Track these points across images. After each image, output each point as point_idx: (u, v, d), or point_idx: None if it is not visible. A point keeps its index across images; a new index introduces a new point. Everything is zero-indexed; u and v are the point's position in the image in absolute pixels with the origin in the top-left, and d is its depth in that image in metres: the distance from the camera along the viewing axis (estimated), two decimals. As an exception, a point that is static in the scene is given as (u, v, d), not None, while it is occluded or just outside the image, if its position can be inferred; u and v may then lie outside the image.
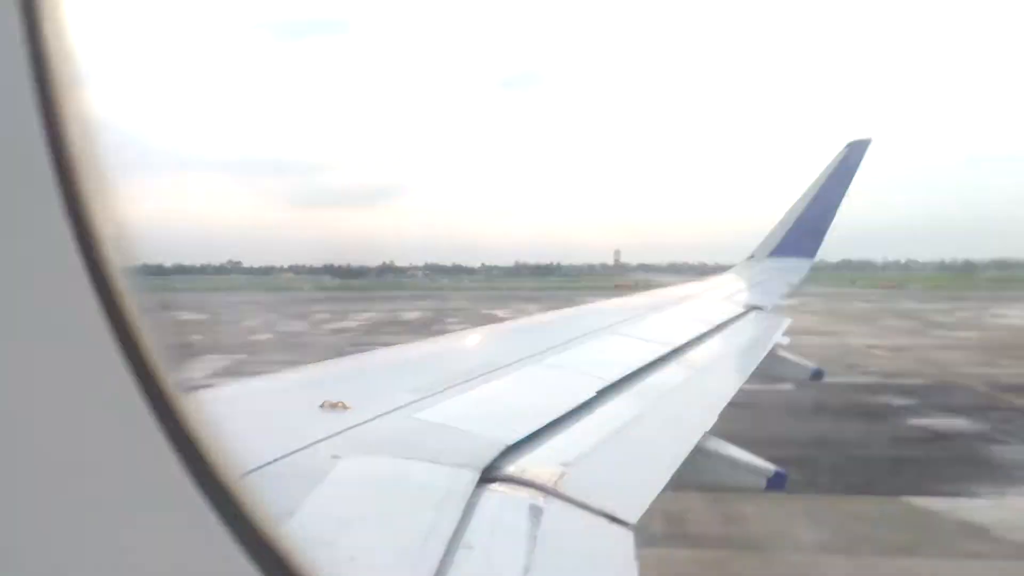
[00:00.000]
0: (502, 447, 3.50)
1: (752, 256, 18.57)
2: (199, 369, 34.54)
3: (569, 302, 11.81)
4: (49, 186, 1.00)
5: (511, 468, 3.34)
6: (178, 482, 1.11)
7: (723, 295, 13.00)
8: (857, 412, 26.92)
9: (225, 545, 1.13)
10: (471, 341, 7.24)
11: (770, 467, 5.24)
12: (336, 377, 4.94)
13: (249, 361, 38.15)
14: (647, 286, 16.33)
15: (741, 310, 11.19)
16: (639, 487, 3.65)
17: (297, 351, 43.03)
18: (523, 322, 9.71)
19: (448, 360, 5.92)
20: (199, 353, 40.74)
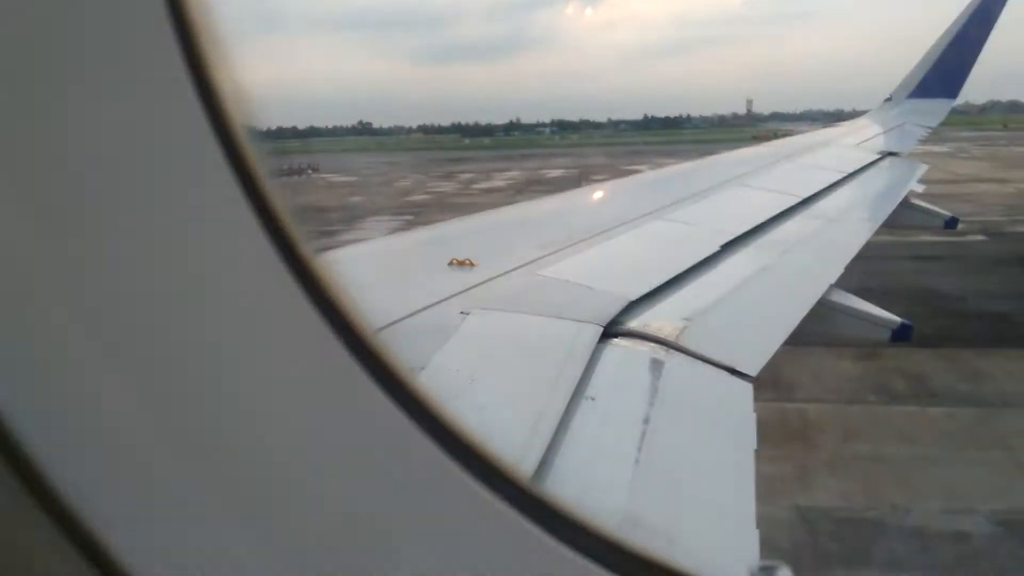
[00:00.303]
0: (625, 302, 3.56)
1: (890, 99, 17.59)
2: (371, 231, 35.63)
3: (704, 156, 11.61)
4: (171, 46, 1.01)
5: (633, 323, 3.41)
6: (319, 336, 1.16)
7: (856, 141, 12.44)
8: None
9: (370, 392, 1.19)
10: (595, 197, 7.25)
11: (895, 319, 5.16)
12: (463, 235, 5.07)
13: (418, 223, 39.14)
14: (787, 136, 15.69)
15: (875, 156, 10.73)
16: (760, 340, 3.67)
17: (458, 212, 43.45)
18: (648, 176, 9.60)
19: (572, 216, 5.95)
20: (363, 216, 41.91)
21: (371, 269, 4.22)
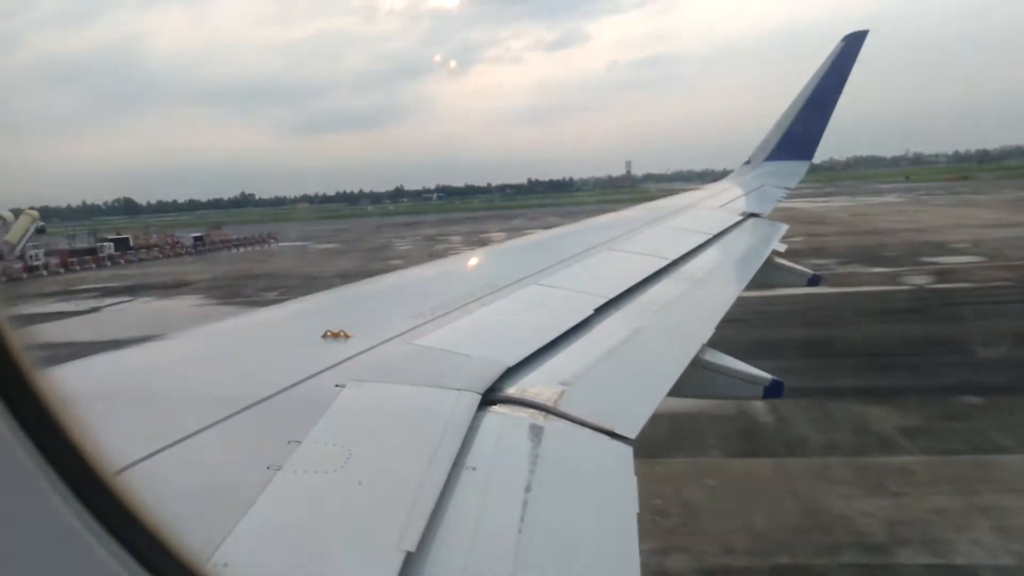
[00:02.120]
0: (502, 368, 3.56)
1: (748, 161, 18.34)
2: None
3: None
4: None
5: (512, 389, 3.41)
6: (43, 485, 1.04)
7: (719, 203, 12.93)
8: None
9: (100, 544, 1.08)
10: (467, 263, 7.27)
11: (767, 376, 5.33)
12: (337, 305, 5.00)
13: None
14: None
15: (738, 218, 11.16)
16: (638, 402, 3.71)
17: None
18: (519, 241, 9.71)
19: (445, 284, 5.95)
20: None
21: (245, 342, 4.11)
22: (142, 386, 3.09)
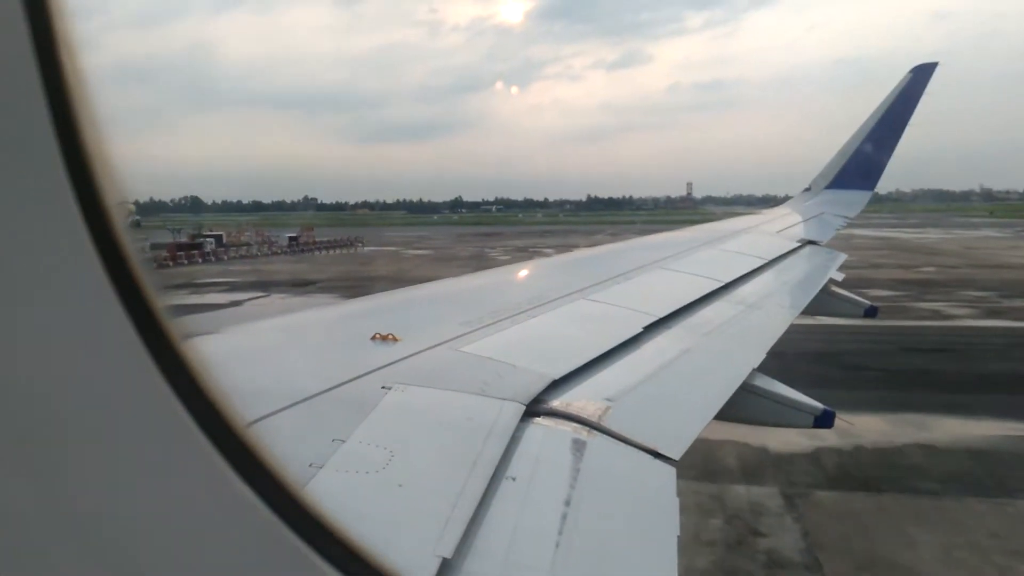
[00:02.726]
0: (548, 381, 3.55)
1: (809, 188, 18.15)
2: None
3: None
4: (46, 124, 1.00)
5: (556, 402, 3.39)
6: (185, 431, 1.13)
7: (777, 229, 12.80)
8: None
9: (239, 493, 1.16)
10: (519, 275, 7.28)
11: (818, 405, 5.24)
12: (387, 309, 5.03)
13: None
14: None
15: (795, 244, 11.03)
16: (683, 423, 3.67)
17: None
18: (572, 256, 9.70)
19: (495, 294, 5.96)
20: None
21: (295, 340, 4.15)
22: None
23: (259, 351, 3.82)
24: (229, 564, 1.17)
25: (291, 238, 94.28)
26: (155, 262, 69.10)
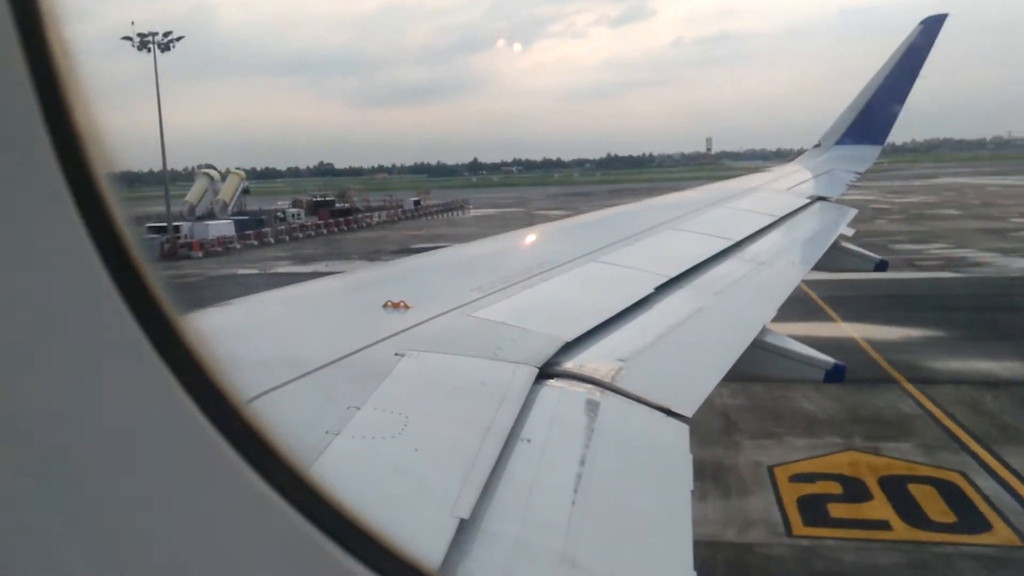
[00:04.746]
0: (560, 344, 3.56)
1: (819, 144, 18.01)
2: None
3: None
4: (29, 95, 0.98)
5: (569, 364, 3.41)
6: (182, 408, 1.11)
7: (787, 186, 12.73)
8: None
9: (235, 467, 1.15)
10: (529, 239, 7.27)
11: (829, 360, 5.25)
12: (398, 277, 5.04)
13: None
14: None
15: (805, 201, 10.98)
16: (695, 381, 3.70)
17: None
18: (582, 219, 9.68)
19: (506, 259, 5.96)
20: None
21: (308, 309, 4.17)
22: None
23: (272, 322, 3.84)
24: (232, 548, 1.17)
25: (415, 202, 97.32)
26: (313, 230, 70.19)
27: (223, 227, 63.54)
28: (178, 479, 1.14)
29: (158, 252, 57.11)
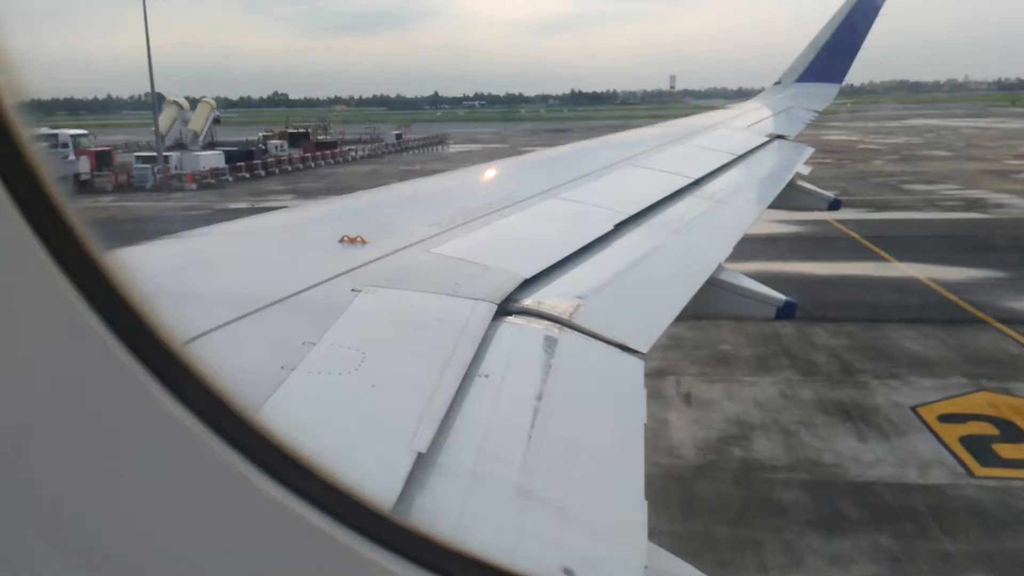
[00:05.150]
0: (519, 280, 3.56)
1: (779, 82, 18.04)
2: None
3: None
4: None
5: (527, 301, 3.42)
6: (107, 350, 1.06)
7: (746, 124, 12.74)
8: None
9: (171, 412, 1.11)
10: (489, 175, 7.22)
11: (780, 297, 5.33)
12: (354, 211, 4.98)
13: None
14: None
15: (764, 139, 11.00)
16: (651, 318, 3.73)
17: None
18: (542, 155, 9.63)
19: (465, 194, 5.92)
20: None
21: (262, 243, 4.12)
22: (159, 281, 3.10)
23: (224, 255, 3.78)
24: (171, 496, 1.14)
25: (397, 135, 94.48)
26: (298, 162, 68.31)
27: (214, 158, 61.74)
28: (107, 427, 1.11)
29: (151, 183, 55.78)
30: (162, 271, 3.31)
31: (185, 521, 1.15)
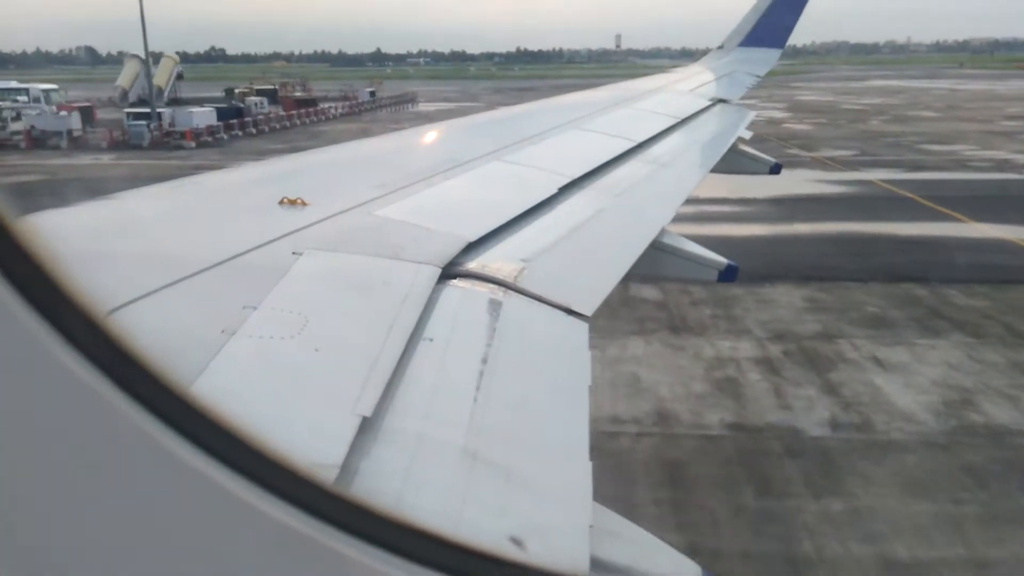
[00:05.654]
0: (463, 243, 3.54)
1: (722, 46, 18.15)
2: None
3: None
4: None
5: (472, 264, 3.40)
6: (19, 321, 1.01)
7: (689, 88, 12.80)
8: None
9: (92, 385, 1.05)
10: (431, 136, 7.14)
11: (722, 260, 5.38)
12: (293, 173, 4.90)
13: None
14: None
15: (707, 103, 11.06)
16: (596, 281, 3.74)
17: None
18: (486, 116, 9.55)
19: (408, 156, 5.86)
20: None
21: (198, 204, 4.02)
22: (88, 246, 3.01)
23: (158, 217, 3.69)
24: (93, 473, 1.08)
25: (371, 93, 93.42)
26: (285, 120, 66.65)
27: (207, 115, 60.04)
28: (24, 407, 1.05)
29: (148, 140, 54.21)
30: (89, 236, 3.20)
31: (107, 499, 1.10)
